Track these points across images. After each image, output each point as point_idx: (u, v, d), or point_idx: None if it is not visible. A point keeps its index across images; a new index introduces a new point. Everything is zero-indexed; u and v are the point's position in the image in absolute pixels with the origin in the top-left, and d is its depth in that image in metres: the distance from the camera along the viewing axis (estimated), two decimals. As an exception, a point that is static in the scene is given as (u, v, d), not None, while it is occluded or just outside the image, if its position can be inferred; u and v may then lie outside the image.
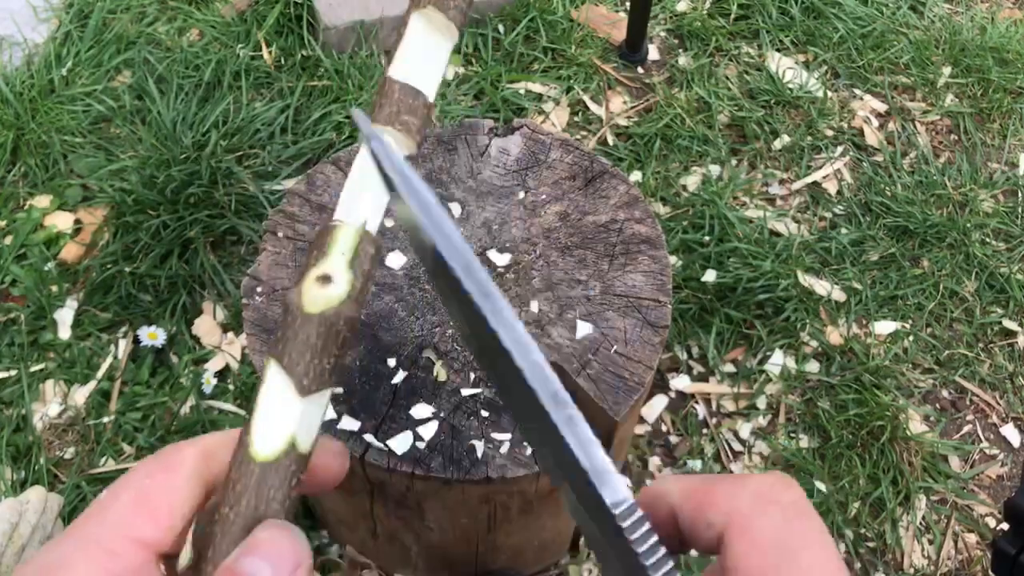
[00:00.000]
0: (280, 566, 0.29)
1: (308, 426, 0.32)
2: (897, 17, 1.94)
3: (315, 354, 0.32)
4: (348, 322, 0.33)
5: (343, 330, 0.33)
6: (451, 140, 1.03)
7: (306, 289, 0.33)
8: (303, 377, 0.32)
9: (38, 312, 1.39)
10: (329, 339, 0.32)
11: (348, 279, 0.33)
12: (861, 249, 1.57)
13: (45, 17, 1.78)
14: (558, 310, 0.91)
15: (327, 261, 0.33)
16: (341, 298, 0.33)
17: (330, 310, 0.32)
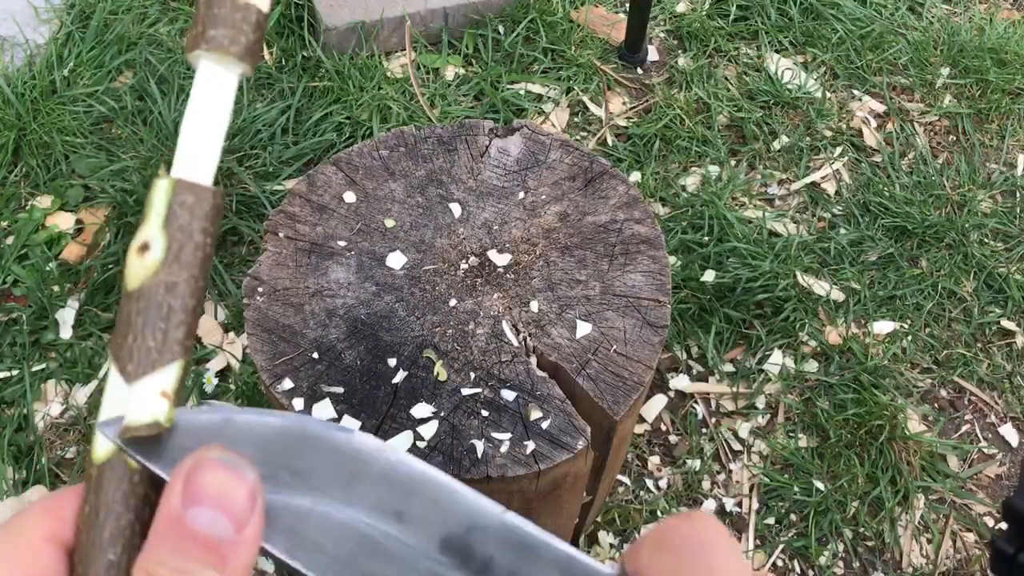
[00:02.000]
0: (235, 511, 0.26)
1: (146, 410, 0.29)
2: (896, 18, 1.94)
3: (136, 334, 0.29)
4: (170, 289, 0.29)
5: (166, 300, 0.29)
6: (451, 140, 1.04)
7: (128, 264, 0.30)
8: (127, 362, 0.29)
9: (40, 312, 1.40)
10: (151, 313, 0.29)
11: (162, 241, 0.29)
12: (860, 249, 1.58)
13: (47, 18, 1.78)
14: (558, 310, 0.91)
15: (145, 226, 0.30)
16: (157, 265, 0.29)
17: (148, 281, 0.29)
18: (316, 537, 0.28)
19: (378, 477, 0.29)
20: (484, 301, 0.92)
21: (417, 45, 1.79)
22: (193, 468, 0.27)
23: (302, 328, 0.89)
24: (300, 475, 0.29)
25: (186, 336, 0.29)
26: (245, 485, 0.27)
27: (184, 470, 0.27)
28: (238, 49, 0.31)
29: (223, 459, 0.27)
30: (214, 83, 0.32)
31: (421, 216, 0.98)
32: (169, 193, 0.30)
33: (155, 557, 0.26)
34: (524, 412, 0.86)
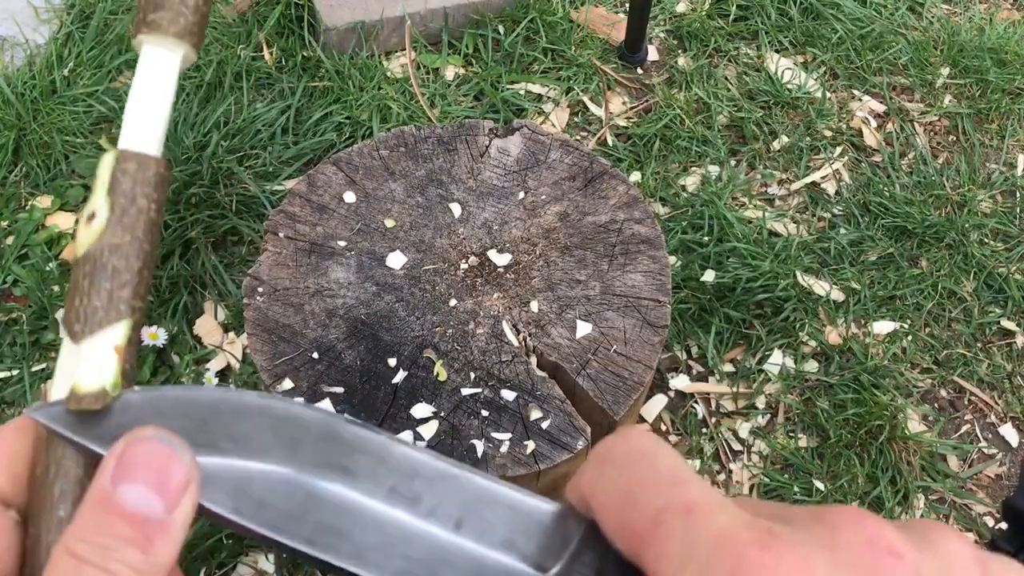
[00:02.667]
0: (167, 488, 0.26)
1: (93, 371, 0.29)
2: (896, 18, 1.95)
3: (83, 295, 0.30)
4: (113, 250, 0.30)
5: (110, 260, 0.30)
6: (451, 140, 1.04)
7: (78, 234, 0.31)
8: (74, 323, 0.30)
9: (40, 312, 1.40)
10: (96, 275, 0.30)
11: (106, 208, 0.30)
12: (860, 249, 1.58)
13: (47, 18, 1.78)
14: (558, 310, 0.91)
15: (93, 197, 0.31)
16: (101, 228, 0.30)
17: (93, 246, 0.30)
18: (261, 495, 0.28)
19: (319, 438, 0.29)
20: (484, 301, 0.92)
21: (417, 45, 1.79)
22: (128, 445, 0.26)
23: (302, 328, 0.89)
24: (239, 441, 0.29)
25: (132, 296, 0.30)
26: (181, 466, 0.26)
27: (119, 447, 0.26)
28: (176, 29, 0.33)
29: (159, 437, 0.26)
30: (156, 64, 0.33)
31: (421, 216, 0.98)
32: (113, 163, 0.31)
33: (78, 534, 0.25)
34: (524, 412, 0.86)
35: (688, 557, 0.22)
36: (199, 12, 0.33)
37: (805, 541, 0.22)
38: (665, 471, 0.25)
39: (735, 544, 0.22)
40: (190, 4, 0.33)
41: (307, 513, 0.28)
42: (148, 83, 0.33)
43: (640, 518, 0.24)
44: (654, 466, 0.25)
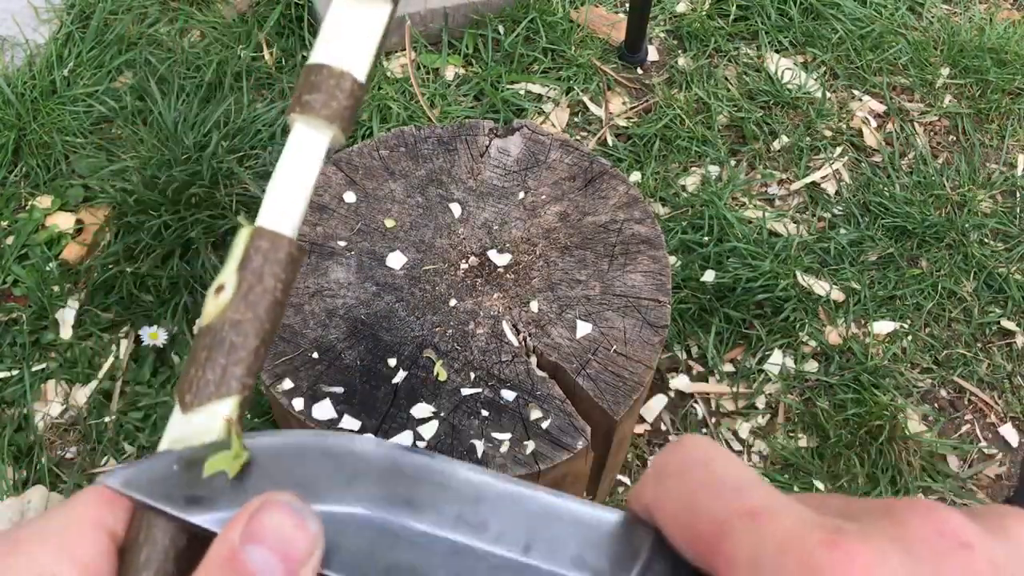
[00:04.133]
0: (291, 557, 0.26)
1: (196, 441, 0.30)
2: (895, 18, 1.95)
3: (199, 367, 0.30)
4: (234, 326, 0.31)
5: (228, 336, 0.31)
6: (451, 140, 1.04)
7: (205, 305, 0.31)
8: (186, 393, 0.30)
9: (40, 312, 1.40)
10: (215, 348, 0.30)
11: (234, 282, 0.31)
12: (860, 249, 1.58)
13: (47, 18, 1.78)
14: (558, 310, 0.91)
15: (224, 270, 0.32)
16: (226, 303, 0.31)
17: (216, 319, 0.31)
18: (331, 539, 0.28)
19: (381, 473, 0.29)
20: (484, 301, 0.92)
21: (417, 45, 1.79)
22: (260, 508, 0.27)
23: (302, 328, 0.89)
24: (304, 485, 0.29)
25: (245, 374, 0.31)
26: (307, 534, 0.27)
27: (252, 507, 0.27)
28: (328, 113, 0.34)
29: (292, 504, 0.27)
30: (305, 144, 0.34)
31: (421, 216, 0.98)
32: (247, 239, 0.32)
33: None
34: (524, 412, 0.86)
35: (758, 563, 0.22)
36: (353, 97, 0.34)
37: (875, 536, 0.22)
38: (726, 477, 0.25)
39: (804, 545, 0.22)
40: (345, 89, 0.34)
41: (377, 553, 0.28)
42: (294, 162, 0.34)
43: (705, 527, 0.24)
44: (714, 473, 0.25)
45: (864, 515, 0.24)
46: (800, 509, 0.23)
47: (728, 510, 0.24)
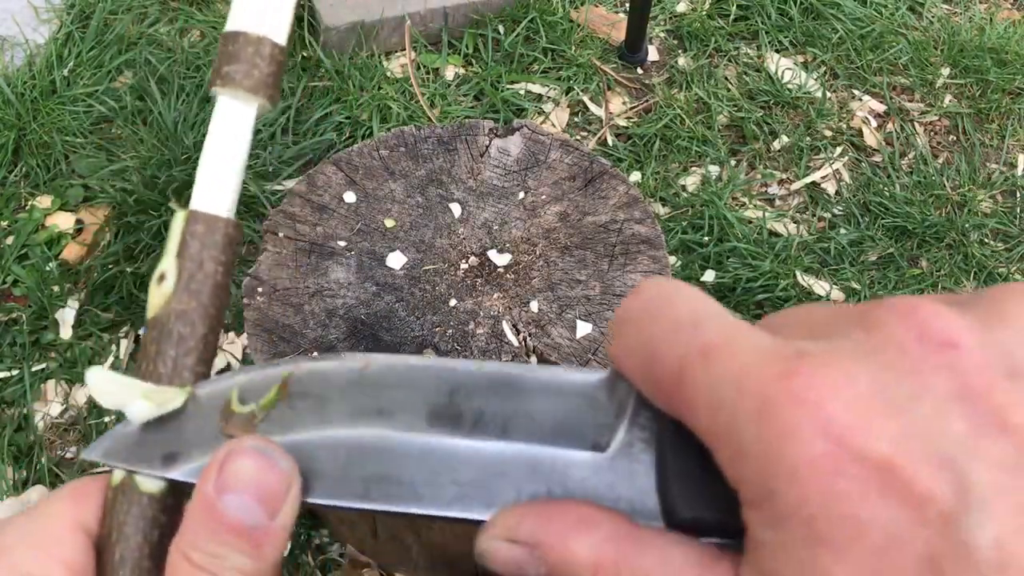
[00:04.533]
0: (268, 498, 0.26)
1: None
2: (896, 18, 1.94)
3: (150, 361, 0.30)
4: (180, 316, 0.30)
5: (176, 327, 0.30)
6: (451, 140, 1.04)
7: (150, 295, 0.31)
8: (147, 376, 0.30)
9: (40, 312, 1.40)
10: (163, 341, 0.30)
11: (175, 270, 0.30)
12: (860, 249, 1.58)
13: (46, 18, 1.78)
14: (558, 310, 0.91)
15: (164, 258, 0.31)
16: (169, 293, 0.30)
17: (161, 310, 0.30)
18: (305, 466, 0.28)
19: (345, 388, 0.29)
20: (484, 301, 0.92)
21: (417, 45, 1.79)
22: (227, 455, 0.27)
23: (302, 328, 0.89)
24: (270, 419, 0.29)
25: (197, 363, 0.30)
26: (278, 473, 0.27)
27: (219, 457, 0.27)
28: (251, 83, 0.32)
29: (257, 447, 0.27)
30: (231, 117, 0.32)
31: (421, 216, 0.98)
32: (183, 224, 0.31)
33: (189, 541, 0.26)
34: (524, 412, 0.85)
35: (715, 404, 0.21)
36: (275, 62, 0.33)
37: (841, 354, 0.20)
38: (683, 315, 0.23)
39: (757, 380, 0.20)
40: (265, 55, 0.32)
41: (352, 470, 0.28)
42: (221, 138, 0.32)
43: (664, 372, 0.22)
44: (672, 313, 0.23)
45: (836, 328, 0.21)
46: (759, 339, 0.21)
47: (685, 351, 0.22)
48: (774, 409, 0.19)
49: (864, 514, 0.18)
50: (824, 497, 0.18)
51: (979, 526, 0.18)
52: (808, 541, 0.19)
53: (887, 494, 0.18)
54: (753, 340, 0.21)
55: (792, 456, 0.19)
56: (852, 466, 0.18)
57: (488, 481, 0.26)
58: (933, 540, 0.18)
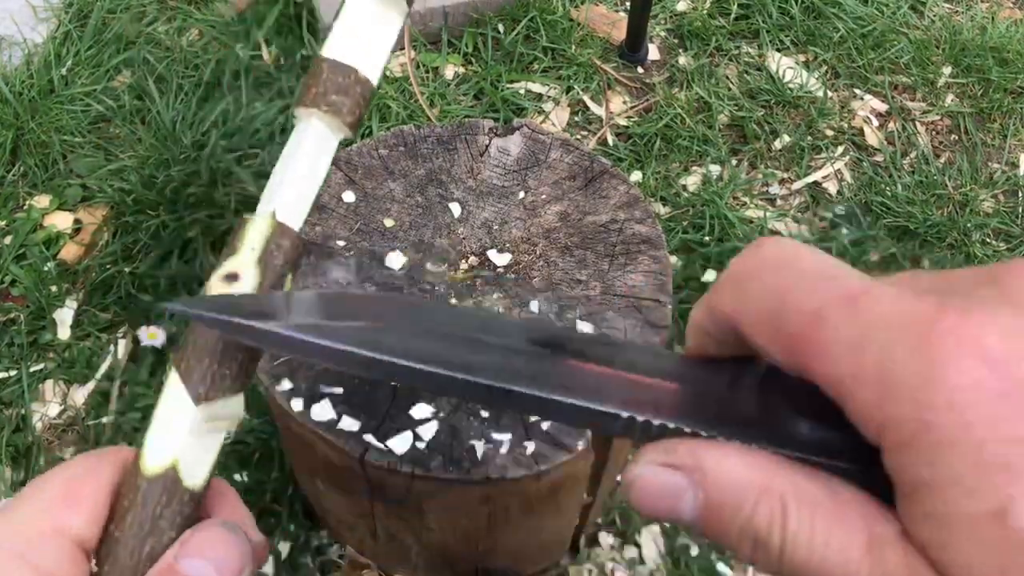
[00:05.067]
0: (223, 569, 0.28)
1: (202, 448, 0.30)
2: (897, 17, 1.94)
3: (214, 358, 0.30)
4: None
5: None
6: (451, 140, 1.03)
7: (211, 289, 0.31)
8: (199, 384, 0.30)
9: (38, 312, 1.39)
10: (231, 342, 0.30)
11: (256, 276, 0.31)
12: (861, 249, 1.57)
13: (44, 17, 1.78)
14: (558, 310, 0.91)
15: (236, 258, 0.31)
16: None
17: None
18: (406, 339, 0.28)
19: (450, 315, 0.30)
20: (484, 301, 0.91)
21: (416, 44, 1.78)
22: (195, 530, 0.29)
23: (301, 328, 0.89)
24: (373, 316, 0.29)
25: (255, 369, 0.32)
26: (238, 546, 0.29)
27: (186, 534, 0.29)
28: (352, 120, 0.34)
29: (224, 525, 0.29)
30: (320, 142, 0.33)
31: (421, 216, 0.97)
32: (269, 232, 0.32)
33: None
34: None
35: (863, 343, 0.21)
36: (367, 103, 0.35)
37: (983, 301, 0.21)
38: (814, 269, 0.24)
39: (913, 317, 0.20)
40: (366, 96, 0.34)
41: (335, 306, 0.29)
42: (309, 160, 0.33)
43: (798, 320, 0.23)
44: (800, 267, 0.24)
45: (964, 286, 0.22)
46: (900, 289, 0.22)
47: (823, 299, 0.22)
48: (934, 341, 0.20)
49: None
50: (992, 420, 0.19)
51: None
52: (978, 468, 0.19)
53: None
54: (895, 290, 0.22)
55: (953, 383, 0.19)
56: (1014, 390, 0.19)
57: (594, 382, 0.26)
58: None
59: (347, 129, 0.34)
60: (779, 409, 0.24)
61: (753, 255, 0.25)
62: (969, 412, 0.19)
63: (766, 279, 0.24)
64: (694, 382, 0.26)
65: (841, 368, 0.21)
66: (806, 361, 0.22)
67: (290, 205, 0.33)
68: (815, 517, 0.21)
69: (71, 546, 0.28)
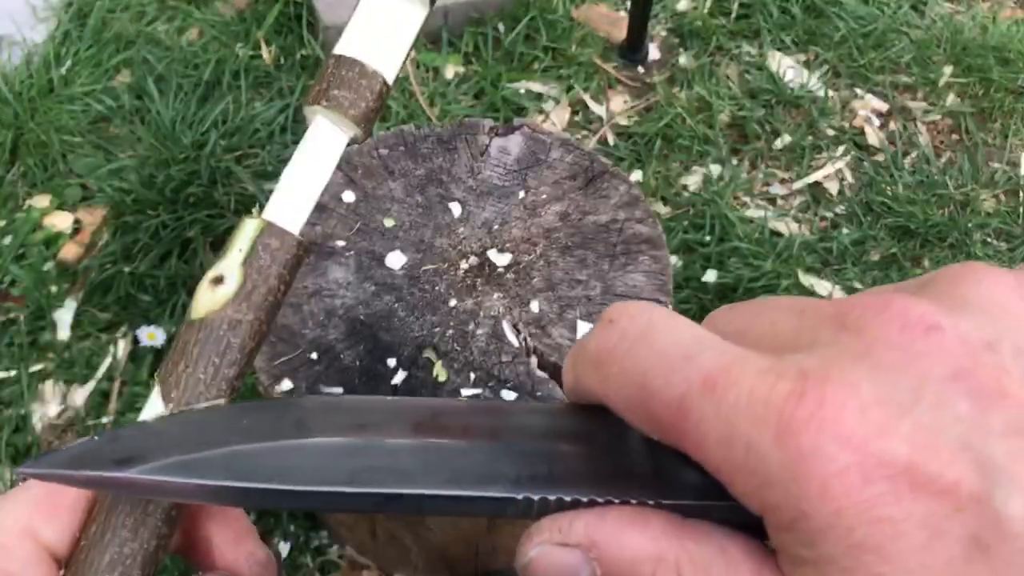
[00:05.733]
0: None
1: None
2: (898, 16, 1.94)
3: (190, 363, 0.29)
4: (233, 326, 0.29)
5: (227, 335, 0.29)
6: (451, 140, 1.03)
7: (198, 293, 0.30)
8: (173, 388, 0.29)
9: (37, 312, 1.39)
10: (209, 346, 0.29)
11: (238, 278, 0.30)
12: (862, 249, 1.57)
13: (44, 16, 1.78)
14: (558, 310, 0.91)
15: (223, 261, 0.30)
16: (227, 299, 0.30)
17: (213, 313, 0.29)
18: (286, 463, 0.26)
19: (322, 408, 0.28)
20: (484, 301, 0.91)
21: (416, 43, 1.78)
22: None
23: (301, 328, 0.88)
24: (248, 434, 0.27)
25: (236, 376, 0.30)
26: None
27: None
28: (356, 113, 0.32)
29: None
30: (325, 140, 0.32)
31: (421, 215, 0.97)
32: (256, 233, 0.30)
33: None
34: (524, 414, 0.85)
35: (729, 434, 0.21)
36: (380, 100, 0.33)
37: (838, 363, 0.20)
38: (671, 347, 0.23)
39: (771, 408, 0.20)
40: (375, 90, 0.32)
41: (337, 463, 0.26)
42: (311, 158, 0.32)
43: (663, 411, 0.22)
44: (657, 346, 0.23)
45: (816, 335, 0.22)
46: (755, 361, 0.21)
47: (684, 386, 0.22)
48: (793, 433, 0.20)
49: (900, 515, 0.19)
50: (859, 507, 0.19)
51: (1009, 497, 0.19)
52: (851, 550, 0.19)
53: (917, 490, 0.19)
54: (752, 363, 0.21)
55: (819, 473, 0.19)
56: (879, 472, 0.19)
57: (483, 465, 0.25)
58: (971, 522, 0.19)
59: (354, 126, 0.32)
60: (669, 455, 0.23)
61: (608, 333, 0.24)
62: (839, 500, 0.19)
63: (625, 363, 0.23)
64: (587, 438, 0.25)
65: (714, 457, 0.21)
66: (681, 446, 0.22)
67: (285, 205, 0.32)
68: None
69: (41, 552, 0.28)
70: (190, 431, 0.27)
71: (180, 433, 0.27)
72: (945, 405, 0.19)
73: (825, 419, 0.19)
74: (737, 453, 0.21)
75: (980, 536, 0.19)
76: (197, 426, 0.28)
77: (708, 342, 0.23)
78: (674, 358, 0.22)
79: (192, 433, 0.27)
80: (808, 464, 0.19)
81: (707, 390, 0.21)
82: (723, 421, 0.21)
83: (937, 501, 0.19)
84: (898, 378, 0.20)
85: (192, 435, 0.27)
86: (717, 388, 0.21)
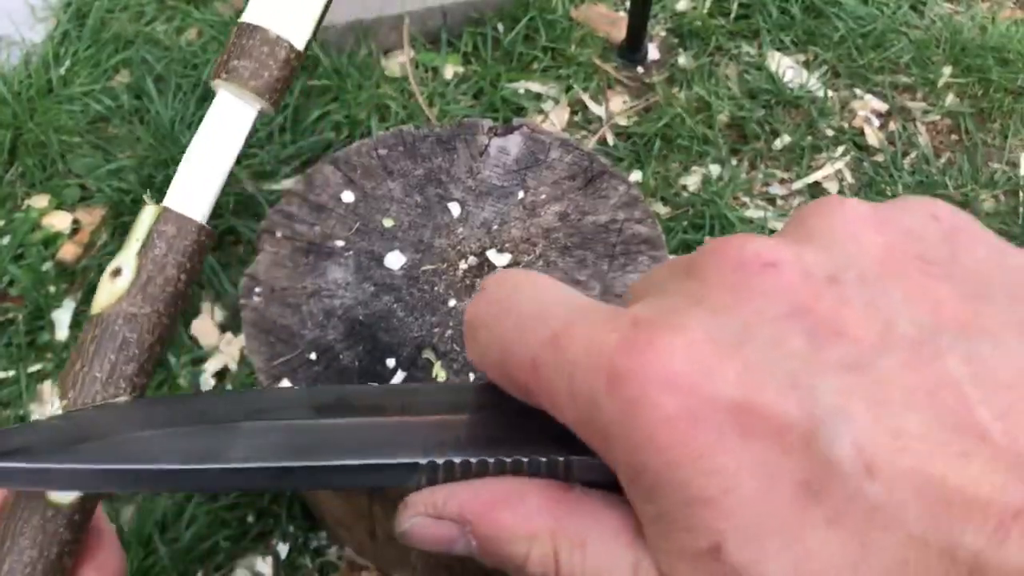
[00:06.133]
0: None
1: None
2: (897, 17, 1.94)
3: (85, 361, 0.28)
4: (128, 320, 0.28)
5: (122, 330, 0.28)
6: (450, 140, 1.03)
7: (99, 287, 0.29)
8: (69, 388, 0.28)
9: (36, 312, 1.39)
10: (104, 343, 0.28)
11: (133, 269, 0.28)
12: (862, 249, 1.57)
13: (43, 16, 1.77)
14: (558, 311, 0.91)
15: (123, 252, 0.29)
16: (122, 292, 0.28)
17: (109, 308, 0.28)
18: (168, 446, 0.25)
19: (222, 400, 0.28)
20: (483, 302, 0.91)
21: (415, 43, 1.78)
22: None
23: (300, 328, 0.88)
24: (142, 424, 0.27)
25: (136, 373, 0.28)
26: None
27: None
28: (258, 84, 0.30)
29: None
30: (228, 116, 0.30)
31: (420, 216, 0.97)
32: (152, 220, 0.29)
33: None
34: (524, 414, 0.85)
35: (572, 390, 0.20)
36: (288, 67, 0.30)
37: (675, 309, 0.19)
38: (529, 307, 0.22)
39: (601, 358, 0.19)
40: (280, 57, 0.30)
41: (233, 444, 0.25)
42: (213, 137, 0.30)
43: (519, 373, 0.22)
44: (518, 308, 0.22)
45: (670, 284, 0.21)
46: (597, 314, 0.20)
47: (535, 345, 0.21)
48: (622, 381, 0.19)
49: (731, 463, 0.17)
50: (691, 455, 0.18)
51: (836, 437, 0.17)
52: (686, 504, 0.18)
53: (747, 434, 0.17)
54: (592, 317, 0.20)
55: (647, 422, 0.18)
56: (706, 415, 0.18)
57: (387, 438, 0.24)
58: (800, 465, 0.17)
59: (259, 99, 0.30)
60: None
61: (478, 300, 0.24)
62: (669, 450, 0.18)
63: (492, 327, 0.23)
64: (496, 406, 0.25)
65: (566, 416, 0.21)
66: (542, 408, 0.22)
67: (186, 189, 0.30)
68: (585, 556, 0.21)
69: None
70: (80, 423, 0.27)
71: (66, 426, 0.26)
72: (778, 343, 0.18)
73: (651, 364, 0.18)
74: (582, 408, 0.20)
75: (810, 481, 0.17)
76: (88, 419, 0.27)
77: (563, 299, 0.22)
78: (528, 318, 0.22)
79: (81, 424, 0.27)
80: (637, 412, 0.18)
81: (553, 346, 0.21)
82: (567, 377, 0.20)
83: (766, 445, 0.17)
84: (730, 318, 0.19)
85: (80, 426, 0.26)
86: (560, 343, 0.20)
